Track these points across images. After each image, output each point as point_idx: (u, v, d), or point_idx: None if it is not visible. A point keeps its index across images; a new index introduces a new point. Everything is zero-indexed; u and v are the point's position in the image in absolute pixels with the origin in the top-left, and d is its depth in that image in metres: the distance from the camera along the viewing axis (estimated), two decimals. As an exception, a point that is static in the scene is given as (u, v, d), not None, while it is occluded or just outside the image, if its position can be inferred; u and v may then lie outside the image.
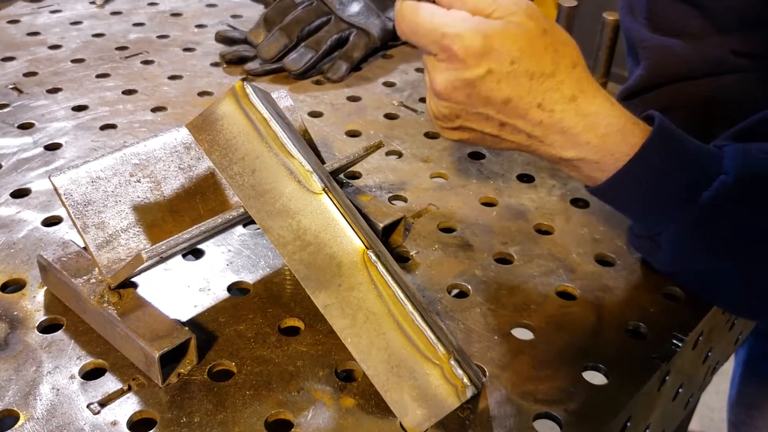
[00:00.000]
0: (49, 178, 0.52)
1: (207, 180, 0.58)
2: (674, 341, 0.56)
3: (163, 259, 0.51)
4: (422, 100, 0.88)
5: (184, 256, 0.61)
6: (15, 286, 0.57)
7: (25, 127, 0.77)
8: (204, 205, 0.58)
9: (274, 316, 0.55)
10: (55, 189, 0.51)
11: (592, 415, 0.50)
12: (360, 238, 0.48)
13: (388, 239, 0.63)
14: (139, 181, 0.55)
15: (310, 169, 0.49)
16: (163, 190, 0.56)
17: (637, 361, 0.54)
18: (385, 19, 0.95)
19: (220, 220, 0.52)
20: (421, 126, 0.82)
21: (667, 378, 0.57)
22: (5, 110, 0.80)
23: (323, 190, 0.49)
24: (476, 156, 0.78)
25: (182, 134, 0.58)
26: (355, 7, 0.93)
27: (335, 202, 0.49)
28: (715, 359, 0.72)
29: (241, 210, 0.53)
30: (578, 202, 0.71)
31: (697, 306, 0.60)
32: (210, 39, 0.98)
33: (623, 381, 0.52)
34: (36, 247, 0.61)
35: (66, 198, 0.51)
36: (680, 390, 0.64)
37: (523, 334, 0.56)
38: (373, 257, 0.48)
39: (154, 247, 0.48)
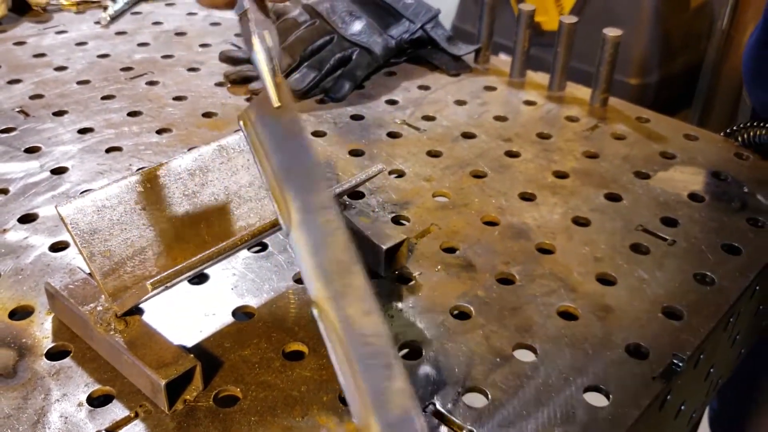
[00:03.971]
0: (55, 207, 0.52)
1: (211, 206, 0.59)
2: (675, 361, 0.57)
3: (168, 287, 0.52)
4: (425, 117, 0.89)
5: (189, 280, 0.62)
6: (23, 312, 0.58)
7: (32, 150, 0.78)
8: (209, 230, 0.58)
9: (278, 340, 0.56)
10: (62, 218, 0.52)
11: (594, 437, 0.50)
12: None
13: (391, 261, 0.64)
14: (144, 209, 0.56)
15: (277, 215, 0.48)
16: (168, 217, 0.57)
17: (638, 381, 0.55)
18: (387, 38, 0.96)
19: (225, 247, 0.52)
20: (424, 144, 0.83)
21: (668, 398, 0.57)
22: (12, 134, 0.81)
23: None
24: (478, 175, 0.78)
25: (186, 161, 0.59)
26: (357, 26, 0.94)
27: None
28: (717, 375, 0.73)
29: (245, 237, 0.54)
30: (580, 221, 0.72)
31: (698, 324, 0.60)
32: (214, 58, 1.00)
33: (624, 402, 0.53)
34: (44, 273, 0.61)
35: (72, 227, 0.52)
36: (682, 408, 0.64)
37: (525, 355, 0.57)
38: (315, 315, 0.45)
39: (159, 276, 0.49)
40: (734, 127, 0.88)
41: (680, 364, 0.56)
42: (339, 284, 0.48)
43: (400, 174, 0.78)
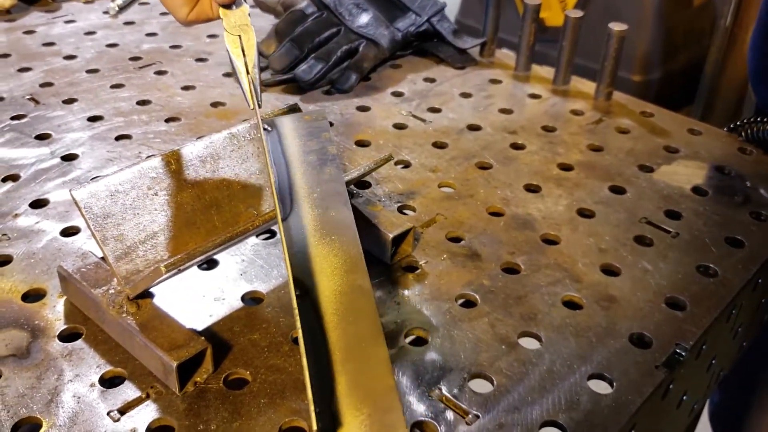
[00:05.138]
0: (69, 192, 0.53)
1: (221, 192, 0.60)
2: (678, 351, 0.57)
3: (180, 271, 0.53)
4: (430, 109, 0.89)
5: (199, 266, 0.62)
6: (36, 295, 0.59)
7: (43, 137, 0.79)
8: (219, 216, 0.59)
9: (286, 325, 0.57)
10: (76, 202, 0.53)
11: (597, 424, 0.51)
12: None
13: (397, 249, 0.64)
14: (156, 194, 0.57)
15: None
16: (179, 202, 0.58)
17: (641, 370, 0.55)
18: (394, 30, 0.96)
19: (236, 232, 0.53)
20: (430, 136, 0.84)
21: (671, 387, 0.58)
22: (23, 121, 0.82)
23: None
24: (483, 166, 0.79)
25: (198, 147, 0.60)
26: (364, 19, 0.95)
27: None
28: (719, 367, 0.74)
29: (256, 223, 0.55)
30: (584, 212, 0.73)
31: (700, 315, 0.61)
32: (222, 49, 1.00)
33: (628, 390, 0.54)
34: (55, 257, 0.62)
35: (86, 211, 0.53)
36: (684, 398, 0.65)
37: (529, 343, 0.58)
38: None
39: (173, 259, 0.50)
40: (738, 123, 0.88)
41: (683, 354, 0.57)
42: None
43: (406, 165, 0.78)
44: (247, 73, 0.58)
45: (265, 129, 0.61)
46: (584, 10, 1.90)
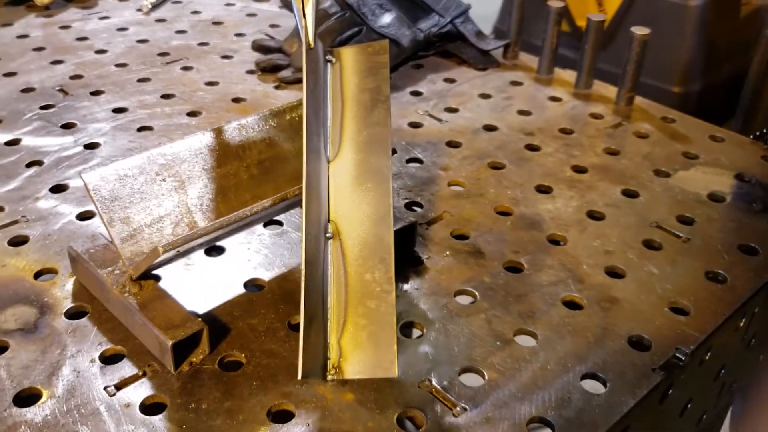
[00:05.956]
0: (79, 174, 0.55)
1: (229, 181, 0.61)
2: (677, 354, 0.57)
3: (180, 254, 0.54)
4: (447, 109, 0.90)
5: (207, 253, 0.64)
6: (47, 274, 0.61)
7: (68, 126, 0.82)
8: (225, 204, 0.61)
9: (285, 312, 0.58)
10: (85, 185, 0.55)
11: (587, 422, 0.51)
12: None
13: (398, 245, 0.65)
14: (164, 180, 0.58)
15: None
16: (186, 189, 0.59)
17: (637, 372, 0.55)
18: (416, 30, 0.97)
19: (235, 218, 0.54)
20: (444, 135, 0.84)
21: (670, 392, 0.57)
22: (51, 110, 0.85)
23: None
24: (496, 166, 0.79)
25: (207, 137, 0.61)
26: (386, 18, 0.96)
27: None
28: (731, 378, 0.72)
29: (257, 209, 0.56)
30: (594, 215, 0.72)
31: (705, 321, 0.60)
32: (247, 47, 1.02)
33: (621, 391, 0.53)
34: (69, 239, 0.65)
35: (94, 194, 0.55)
36: (689, 406, 0.64)
37: (525, 340, 0.57)
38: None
39: (171, 241, 0.51)
40: (764, 130, 0.86)
41: (682, 358, 0.56)
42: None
43: (419, 162, 0.79)
44: (303, 15, 0.59)
45: (328, 60, 0.62)
46: (625, 18, 1.87)
